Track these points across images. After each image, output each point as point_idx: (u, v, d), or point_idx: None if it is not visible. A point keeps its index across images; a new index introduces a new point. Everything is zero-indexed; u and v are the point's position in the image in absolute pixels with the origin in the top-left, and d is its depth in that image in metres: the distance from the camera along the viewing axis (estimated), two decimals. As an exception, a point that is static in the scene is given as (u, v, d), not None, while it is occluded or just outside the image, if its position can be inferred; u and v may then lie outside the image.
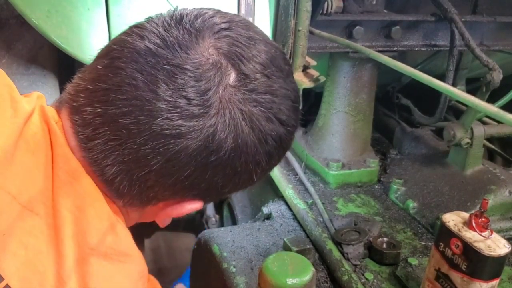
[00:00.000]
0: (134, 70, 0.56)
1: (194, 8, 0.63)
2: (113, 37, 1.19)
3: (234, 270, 1.04)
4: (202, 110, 0.56)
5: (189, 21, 0.59)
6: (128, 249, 0.60)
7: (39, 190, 0.55)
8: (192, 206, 0.65)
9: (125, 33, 0.61)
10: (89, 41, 1.13)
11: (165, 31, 0.58)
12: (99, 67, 0.59)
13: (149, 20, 0.62)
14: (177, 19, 0.60)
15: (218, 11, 0.63)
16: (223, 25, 0.60)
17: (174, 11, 0.62)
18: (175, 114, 0.55)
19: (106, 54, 0.60)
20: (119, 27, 1.22)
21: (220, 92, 0.57)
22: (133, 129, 0.56)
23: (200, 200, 0.65)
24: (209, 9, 0.63)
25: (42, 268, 0.52)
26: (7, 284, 0.49)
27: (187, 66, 0.56)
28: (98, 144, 0.57)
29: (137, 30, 0.60)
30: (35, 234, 0.53)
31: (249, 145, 0.59)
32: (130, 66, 0.56)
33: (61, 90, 1.30)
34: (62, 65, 1.36)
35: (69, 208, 0.55)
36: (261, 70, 0.59)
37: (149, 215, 0.68)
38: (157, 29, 0.59)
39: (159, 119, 0.55)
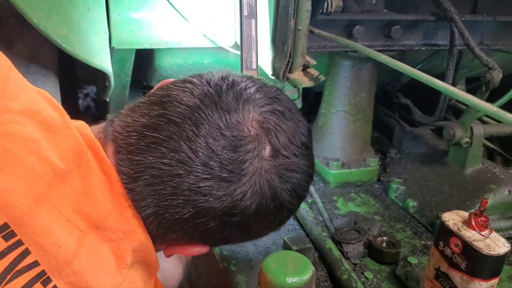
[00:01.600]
0: (184, 126, 0.60)
1: (243, 76, 0.68)
2: (113, 37, 1.21)
3: (234, 269, 1.04)
4: (236, 177, 0.61)
5: (239, 90, 0.64)
6: (154, 263, 0.68)
7: (86, 212, 0.59)
8: (200, 249, 0.71)
9: (178, 87, 0.65)
10: (89, 41, 1.13)
11: (217, 95, 0.63)
12: (152, 114, 0.63)
13: (201, 78, 0.66)
14: (229, 86, 0.64)
15: (264, 85, 0.68)
16: (265, 101, 0.65)
17: (227, 75, 0.67)
18: (209, 175, 0.60)
19: (160, 103, 0.64)
20: (120, 27, 1.22)
21: (255, 163, 0.62)
22: (172, 180, 0.60)
23: (209, 246, 0.72)
24: (257, 80, 0.68)
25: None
26: None
27: (231, 134, 0.61)
28: (139, 186, 0.62)
29: (190, 86, 0.64)
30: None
31: (268, 213, 0.65)
32: (181, 121, 0.61)
33: (62, 89, 1.30)
34: (63, 65, 1.36)
35: (115, 231, 0.61)
36: (292, 148, 0.65)
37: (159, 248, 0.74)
38: (208, 90, 0.63)
39: (194, 177, 0.60)
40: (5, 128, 0.55)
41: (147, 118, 0.63)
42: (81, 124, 0.65)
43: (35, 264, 0.54)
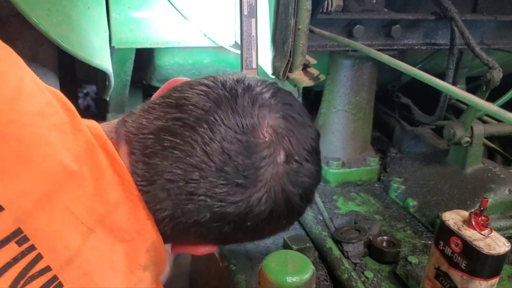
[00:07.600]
0: (200, 130, 0.60)
1: (258, 79, 0.68)
2: (113, 36, 1.21)
3: (234, 268, 1.04)
4: (252, 183, 0.61)
5: (255, 94, 0.64)
6: (163, 262, 0.68)
7: (99, 212, 0.59)
8: (210, 249, 0.72)
9: (194, 89, 0.65)
10: (89, 40, 1.13)
11: (233, 99, 0.63)
12: (168, 117, 0.63)
13: (215, 80, 0.67)
14: (245, 89, 0.65)
15: (278, 90, 0.68)
16: (280, 107, 0.65)
17: (242, 78, 0.67)
18: (224, 181, 0.60)
19: (176, 106, 0.64)
20: (120, 26, 1.22)
21: (270, 170, 0.62)
22: (188, 185, 0.61)
23: (218, 245, 0.74)
24: (270, 85, 0.68)
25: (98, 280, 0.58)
26: None
27: (246, 139, 0.61)
28: (155, 189, 0.62)
29: (205, 89, 0.65)
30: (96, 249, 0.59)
31: (280, 217, 0.66)
32: (197, 125, 0.61)
33: (62, 89, 1.30)
34: (63, 64, 1.36)
35: (128, 231, 0.61)
36: (304, 154, 0.66)
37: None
38: (224, 94, 0.63)
39: (209, 182, 0.60)
40: (22, 131, 0.55)
41: (163, 121, 0.63)
42: (92, 124, 0.65)
43: (47, 269, 0.54)
